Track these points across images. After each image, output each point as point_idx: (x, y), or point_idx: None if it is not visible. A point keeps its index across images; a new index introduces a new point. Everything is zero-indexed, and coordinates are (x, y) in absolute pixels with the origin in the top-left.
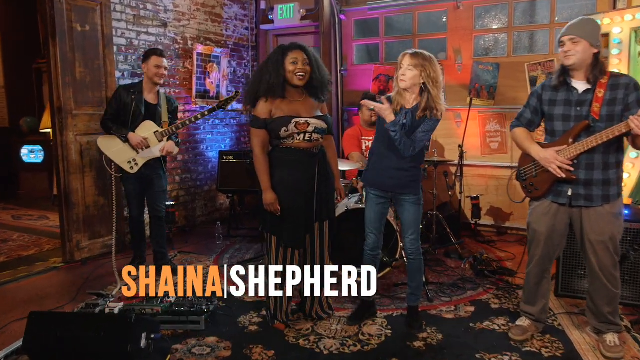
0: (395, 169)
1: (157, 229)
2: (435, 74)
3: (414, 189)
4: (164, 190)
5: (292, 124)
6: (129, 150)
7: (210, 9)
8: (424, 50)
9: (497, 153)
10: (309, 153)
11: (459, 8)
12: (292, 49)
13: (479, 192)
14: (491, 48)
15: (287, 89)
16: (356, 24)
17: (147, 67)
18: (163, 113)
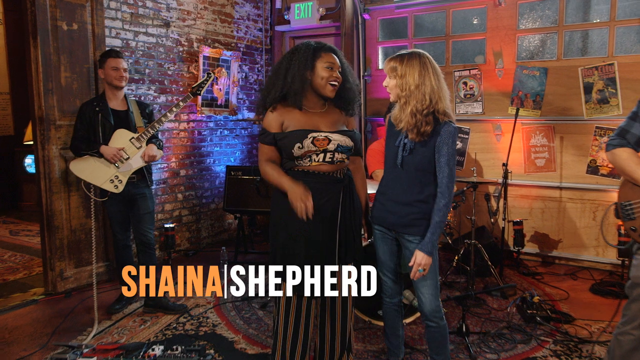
0: (398, 202)
1: (144, 257)
2: (421, 78)
3: (419, 229)
4: (149, 212)
5: (309, 139)
6: (107, 167)
7: (220, 8)
8: (422, 51)
9: (544, 171)
10: (331, 178)
11: (500, 5)
12: (326, 50)
13: (522, 215)
14: (538, 50)
15: (308, 97)
16: (382, 24)
17: (105, 71)
18: (136, 118)
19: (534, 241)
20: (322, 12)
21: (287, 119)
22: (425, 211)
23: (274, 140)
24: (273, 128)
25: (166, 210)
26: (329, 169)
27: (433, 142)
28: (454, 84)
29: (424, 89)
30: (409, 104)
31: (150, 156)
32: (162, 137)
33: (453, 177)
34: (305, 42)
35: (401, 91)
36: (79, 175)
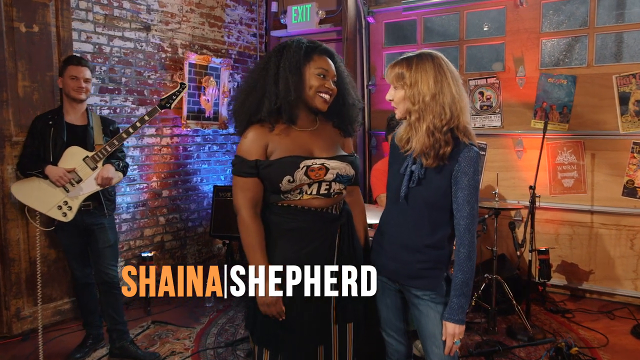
0: (401, 246)
1: (107, 298)
2: (438, 85)
3: (432, 282)
4: (110, 245)
5: (301, 169)
6: (54, 191)
7: (208, 10)
8: (434, 51)
9: (572, 192)
10: (326, 216)
11: (522, 5)
12: (320, 52)
13: (547, 242)
14: (564, 56)
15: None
16: (388, 28)
17: (63, 80)
18: (96, 134)
19: (561, 272)
20: (322, 15)
21: (273, 140)
22: (438, 259)
23: (255, 170)
24: (254, 153)
25: (146, 236)
26: (324, 203)
27: (449, 170)
28: (469, 95)
29: (443, 99)
30: (424, 120)
31: (104, 178)
32: (141, 154)
33: (475, 218)
34: (297, 40)
35: (413, 104)
36: (21, 200)
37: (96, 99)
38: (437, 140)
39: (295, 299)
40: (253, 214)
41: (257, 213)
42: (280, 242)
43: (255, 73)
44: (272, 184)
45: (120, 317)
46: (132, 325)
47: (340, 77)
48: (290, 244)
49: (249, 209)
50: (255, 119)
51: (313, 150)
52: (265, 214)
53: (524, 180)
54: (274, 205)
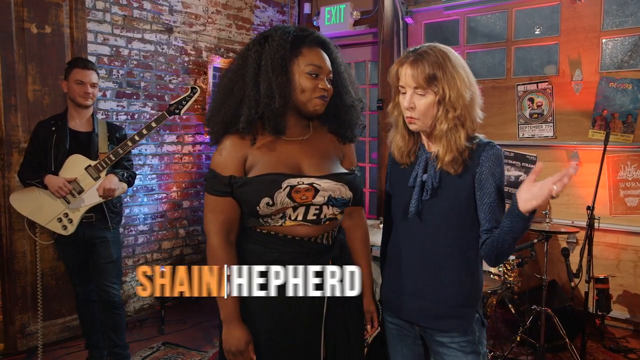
0: (419, 278)
1: (107, 318)
2: (467, 81)
3: (461, 324)
4: (112, 261)
5: (283, 190)
6: (54, 202)
7: (236, 12)
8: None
9: (637, 213)
10: (314, 247)
11: (580, 1)
12: (310, 43)
13: (607, 269)
14: (630, 57)
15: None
16: (428, 28)
17: (68, 84)
18: (101, 142)
19: (623, 303)
20: (357, 16)
21: (253, 152)
22: (469, 292)
23: (229, 189)
24: (230, 168)
25: (164, 248)
26: (312, 232)
27: (471, 173)
28: (517, 101)
29: (475, 97)
30: (463, 127)
31: (106, 190)
32: (160, 163)
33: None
34: (281, 28)
35: (454, 109)
36: (20, 211)
37: (112, 104)
38: (464, 145)
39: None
40: (224, 242)
41: (231, 240)
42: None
43: (232, 72)
44: (249, 206)
45: (121, 340)
46: (143, 345)
47: (337, 72)
48: None
49: (220, 235)
50: (233, 129)
51: (301, 166)
52: (241, 240)
53: (579, 198)
54: (252, 230)
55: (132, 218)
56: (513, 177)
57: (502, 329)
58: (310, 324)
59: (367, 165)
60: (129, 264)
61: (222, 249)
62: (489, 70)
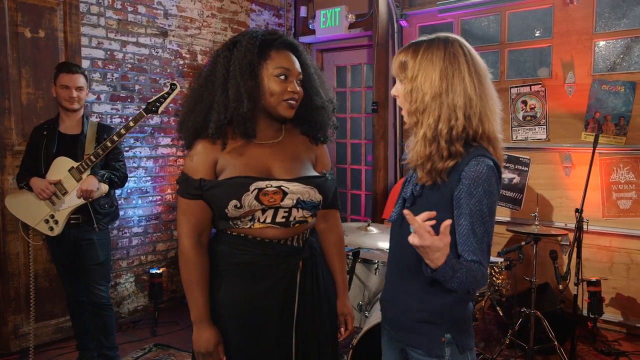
0: (394, 286)
1: (95, 320)
2: (445, 80)
3: (425, 342)
4: (99, 262)
5: (251, 193)
6: (41, 204)
7: (231, 16)
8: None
9: (630, 215)
10: (283, 249)
11: (572, 3)
12: (278, 46)
13: (600, 272)
14: (622, 60)
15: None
16: (422, 31)
17: (56, 88)
18: (87, 143)
19: (616, 306)
20: (352, 19)
21: (224, 156)
22: (433, 309)
23: (200, 192)
24: (200, 171)
25: (158, 250)
26: (281, 234)
27: (449, 190)
28: (510, 103)
29: (452, 99)
30: (422, 124)
31: (83, 191)
32: (155, 165)
33: (485, 255)
34: (250, 33)
35: (409, 103)
36: (14, 213)
37: (107, 107)
38: (437, 150)
39: (244, 348)
40: (195, 244)
41: (202, 243)
42: (227, 279)
43: (202, 78)
44: (218, 208)
45: (109, 342)
46: (135, 346)
47: (306, 73)
48: (238, 281)
49: (191, 238)
50: (203, 134)
51: (271, 169)
52: (212, 242)
53: (572, 201)
54: (223, 232)
55: (127, 220)
56: (507, 179)
57: (494, 332)
58: (281, 325)
59: (363, 168)
60: (123, 266)
61: (193, 250)
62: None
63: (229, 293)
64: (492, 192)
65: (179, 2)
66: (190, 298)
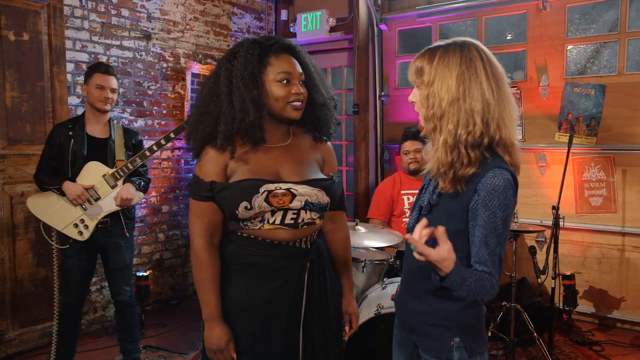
0: (407, 290)
1: (121, 318)
2: (462, 85)
3: (437, 346)
4: (125, 265)
5: (261, 195)
6: (71, 208)
7: (214, 19)
8: (471, 40)
9: (601, 212)
10: (292, 251)
11: (545, 9)
12: (276, 50)
13: (573, 266)
14: (592, 64)
15: (266, 125)
16: (402, 35)
17: (88, 89)
18: (117, 149)
19: (589, 298)
20: (333, 22)
21: (234, 160)
22: (445, 313)
23: (211, 194)
24: (211, 174)
25: (144, 253)
26: (289, 236)
27: (466, 199)
28: None
29: (470, 104)
30: (441, 131)
31: (123, 199)
32: None
33: (497, 266)
34: (248, 41)
35: (426, 109)
36: (37, 215)
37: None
38: (459, 157)
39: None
40: (207, 245)
41: (214, 244)
42: (236, 278)
43: (206, 90)
44: (229, 210)
45: (131, 336)
46: None
47: (307, 73)
48: (247, 281)
49: (204, 238)
50: (212, 143)
51: (280, 172)
52: (223, 242)
53: (547, 198)
54: (233, 233)
55: None
56: None
57: None
58: (288, 324)
59: (344, 169)
60: None
61: (205, 251)
62: None
63: (238, 293)
64: (508, 205)
65: (162, 6)
66: (202, 296)
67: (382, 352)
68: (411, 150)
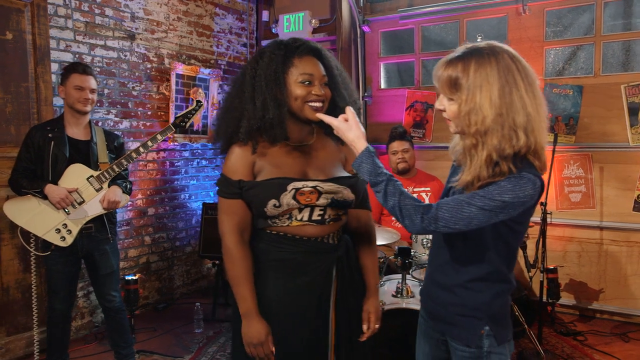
0: (434, 281)
1: (111, 324)
2: (505, 97)
3: (466, 335)
4: (113, 271)
5: (289, 192)
6: (53, 212)
7: (196, 19)
8: (499, 45)
9: (580, 207)
10: (320, 246)
11: (524, 13)
12: (301, 52)
13: (555, 260)
14: (570, 65)
15: (289, 124)
16: (384, 37)
17: (66, 90)
18: (100, 151)
19: (570, 291)
20: (315, 24)
21: (260, 158)
22: (475, 304)
23: (239, 191)
24: (239, 173)
25: (130, 257)
26: (317, 232)
27: None
28: None
29: (513, 118)
30: (484, 147)
31: (110, 202)
32: None
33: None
34: (274, 43)
35: (468, 125)
36: (15, 220)
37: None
38: (500, 171)
39: (287, 340)
40: (239, 241)
41: (245, 240)
42: (268, 274)
43: (232, 89)
44: (257, 208)
45: (124, 341)
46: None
47: (331, 76)
48: (276, 277)
49: (234, 235)
50: (236, 140)
51: (306, 171)
52: (253, 240)
53: None
54: (262, 231)
55: None
56: None
57: None
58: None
59: None
60: None
61: (236, 247)
62: None
63: (268, 289)
64: (519, 196)
65: (145, 5)
66: (238, 292)
67: (385, 348)
68: (399, 150)
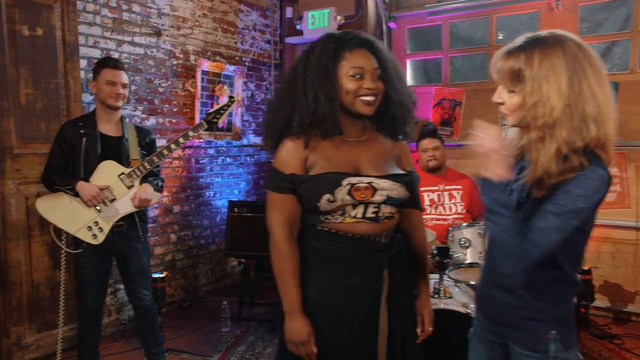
0: (494, 282)
1: (141, 322)
2: (573, 87)
3: (531, 339)
4: (142, 270)
5: (344, 187)
6: (85, 209)
7: (221, 16)
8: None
9: (615, 207)
10: (373, 245)
11: (557, 8)
12: (352, 45)
13: (588, 261)
14: (604, 62)
15: (342, 119)
16: (411, 33)
17: (97, 85)
18: (131, 148)
19: (604, 293)
20: (340, 20)
21: (313, 153)
22: (541, 307)
23: (292, 186)
24: (291, 166)
25: (156, 254)
26: (371, 230)
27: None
28: None
29: (583, 108)
30: (553, 139)
31: (142, 200)
32: None
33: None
34: (325, 37)
35: (535, 119)
36: (47, 217)
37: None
38: (570, 166)
39: (331, 340)
40: (288, 236)
41: (293, 235)
42: (316, 272)
43: (283, 84)
44: (310, 202)
45: (154, 340)
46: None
47: (384, 68)
48: (327, 275)
49: (284, 230)
50: (287, 134)
51: (360, 166)
52: (302, 237)
53: None
54: (312, 227)
55: None
56: None
57: None
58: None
59: None
60: None
61: (285, 243)
62: (472, 74)
63: (318, 287)
64: (593, 197)
65: (171, 2)
66: (283, 289)
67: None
68: (429, 148)
